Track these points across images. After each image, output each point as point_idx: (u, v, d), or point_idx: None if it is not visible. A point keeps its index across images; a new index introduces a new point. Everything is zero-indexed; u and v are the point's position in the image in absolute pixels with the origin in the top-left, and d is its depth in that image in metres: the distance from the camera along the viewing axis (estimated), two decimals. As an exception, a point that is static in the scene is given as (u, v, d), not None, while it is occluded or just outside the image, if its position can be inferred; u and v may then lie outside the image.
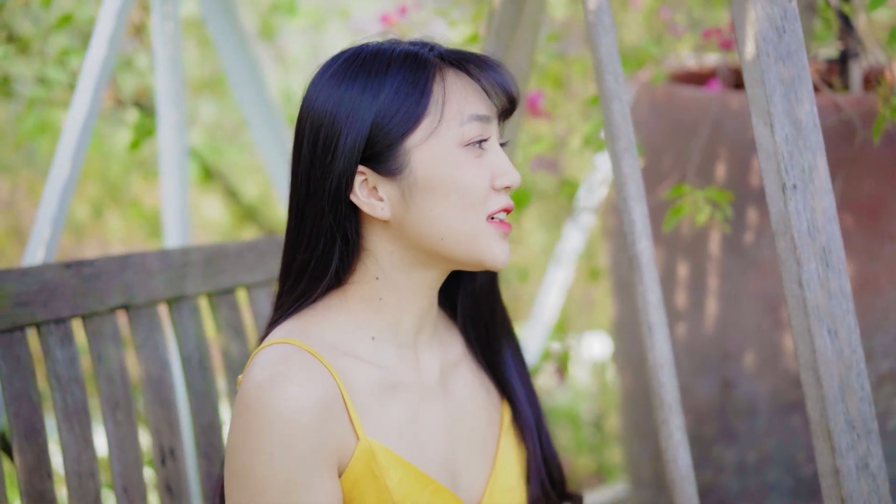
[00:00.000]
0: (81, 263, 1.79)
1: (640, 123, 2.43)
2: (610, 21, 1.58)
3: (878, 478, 1.52)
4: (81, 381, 1.76)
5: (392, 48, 1.47)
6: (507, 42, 1.89)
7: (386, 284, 1.49)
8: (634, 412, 2.56)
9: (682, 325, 2.35)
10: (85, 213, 4.13)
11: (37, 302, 1.72)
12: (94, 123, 2.39)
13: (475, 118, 1.45)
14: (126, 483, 1.79)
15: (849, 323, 1.52)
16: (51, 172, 2.34)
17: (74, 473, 1.73)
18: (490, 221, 1.46)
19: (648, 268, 1.61)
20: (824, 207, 1.51)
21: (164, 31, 2.46)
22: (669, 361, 1.63)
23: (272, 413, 1.37)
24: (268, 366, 1.41)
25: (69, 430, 1.73)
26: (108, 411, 1.79)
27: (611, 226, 2.58)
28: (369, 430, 1.45)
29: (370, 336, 1.50)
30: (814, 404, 1.52)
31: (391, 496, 1.44)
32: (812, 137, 1.52)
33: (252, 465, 1.38)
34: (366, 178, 1.45)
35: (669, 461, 1.64)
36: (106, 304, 1.81)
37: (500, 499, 1.59)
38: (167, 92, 2.49)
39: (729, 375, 2.31)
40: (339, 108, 1.44)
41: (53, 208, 2.34)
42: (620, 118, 1.60)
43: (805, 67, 1.52)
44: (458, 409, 1.59)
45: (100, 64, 2.36)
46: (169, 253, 1.90)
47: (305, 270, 1.48)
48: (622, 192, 1.62)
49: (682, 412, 1.64)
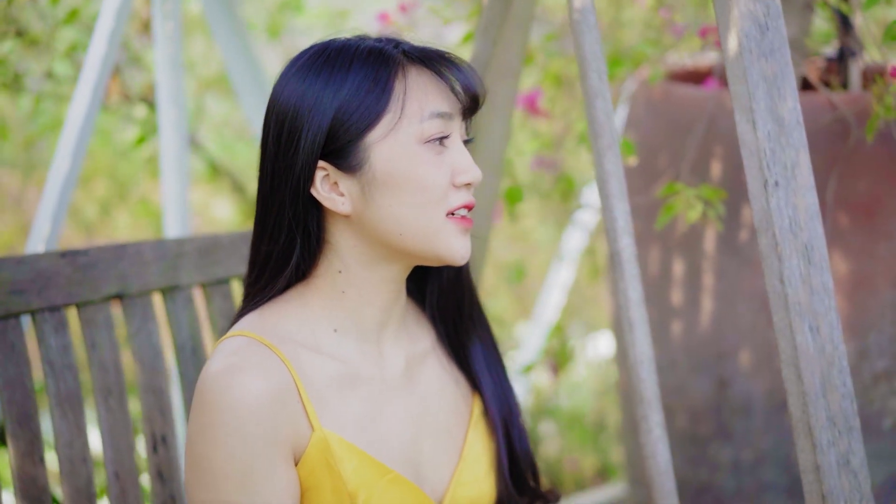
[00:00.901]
0: (76, 252, 1.81)
1: (637, 122, 2.43)
2: (594, 20, 1.59)
3: (860, 475, 1.52)
4: (75, 368, 1.78)
5: (357, 44, 1.48)
6: (496, 39, 1.90)
7: (348, 278, 1.51)
8: (631, 411, 2.56)
9: (678, 323, 2.36)
10: (94, 211, 4.15)
11: (31, 290, 1.74)
12: (94, 119, 2.41)
13: (436, 115, 1.46)
14: (118, 468, 1.81)
15: (831, 320, 1.52)
16: (52, 167, 2.37)
17: (67, 459, 1.75)
18: (449, 218, 1.47)
19: (629, 265, 1.62)
20: (807, 204, 1.52)
21: (164, 30, 2.48)
22: (649, 358, 1.64)
23: (226, 403, 1.39)
24: (224, 357, 1.44)
25: (62, 417, 1.75)
26: (101, 398, 1.81)
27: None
28: (325, 422, 1.47)
29: (332, 329, 1.52)
30: (795, 401, 1.52)
31: (346, 486, 1.46)
32: (795, 134, 1.52)
33: (208, 455, 1.41)
34: (327, 173, 1.46)
35: (648, 457, 1.65)
36: (100, 293, 1.82)
37: (466, 491, 1.60)
38: (168, 89, 2.51)
39: (724, 374, 2.31)
40: (303, 103, 1.45)
41: (54, 203, 2.36)
42: (603, 116, 1.61)
43: (788, 64, 1.52)
44: (425, 401, 1.60)
45: (100, 60, 2.38)
46: (164, 243, 1.92)
47: (268, 263, 1.50)
48: (604, 189, 1.62)
49: (661, 408, 1.65)
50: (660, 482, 1.64)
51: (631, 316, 1.63)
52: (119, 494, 1.81)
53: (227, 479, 1.40)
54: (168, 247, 1.92)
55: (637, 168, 2.38)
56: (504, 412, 1.68)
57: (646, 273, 2.40)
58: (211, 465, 1.40)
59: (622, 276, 1.63)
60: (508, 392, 1.70)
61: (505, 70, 1.97)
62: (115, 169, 4.14)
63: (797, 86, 2.33)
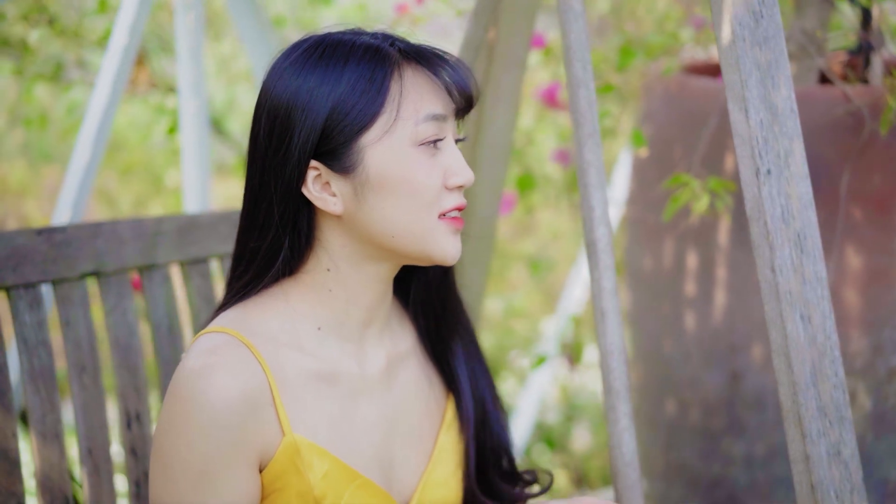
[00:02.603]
0: (53, 230, 1.81)
1: (653, 114, 2.43)
2: (580, 8, 1.59)
3: (851, 465, 1.51)
4: (49, 345, 1.78)
5: (353, 40, 1.46)
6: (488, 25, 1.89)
7: (336, 276, 1.49)
8: (645, 404, 2.56)
9: (691, 316, 2.35)
10: (128, 204, 4.20)
11: (6, 266, 1.74)
12: (115, 108, 2.44)
13: (431, 118, 1.44)
14: (91, 445, 1.82)
15: (823, 309, 1.51)
16: (72, 157, 2.40)
17: (39, 434, 1.75)
18: (441, 219, 1.47)
19: (605, 254, 1.62)
20: (800, 193, 1.51)
21: (185, 22, 2.51)
22: (620, 348, 1.63)
23: (197, 402, 1.39)
24: (200, 355, 1.43)
25: (35, 392, 1.75)
26: (75, 375, 1.82)
27: (628, 217, 2.58)
28: (297, 425, 1.46)
29: (316, 327, 1.51)
30: (785, 390, 1.51)
31: (312, 490, 1.45)
32: (789, 123, 1.51)
33: (172, 450, 1.41)
34: (319, 173, 1.45)
35: (614, 447, 1.64)
36: (76, 271, 1.83)
37: (435, 493, 1.59)
38: (189, 78, 2.55)
39: (737, 368, 2.30)
40: (296, 101, 1.43)
41: (74, 191, 2.39)
42: (586, 104, 1.61)
43: (783, 53, 1.51)
44: (401, 403, 1.59)
45: (122, 49, 2.41)
46: (142, 222, 1.93)
47: (255, 258, 1.49)
48: (583, 178, 1.62)
49: (629, 399, 1.64)
50: (625, 472, 1.64)
51: (603, 305, 1.62)
52: (92, 471, 1.82)
53: (185, 476, 1.40)
54: (146, 225, 1.93)
55: (652, 160, 2.38)
56: (478, 411, 1.66)
57: (659, 266, 2.40)
58: (172, 460, 1.41)
59: (597, 265, 1.62)
60: (486, 389, 1.69)
61: (510, 60, 1.97)
62: (150, 161, 4.19)
63: (815, 79, 2.32)
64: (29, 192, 4.28)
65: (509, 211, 2.61)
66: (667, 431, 2.46)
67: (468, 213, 2.13)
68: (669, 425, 2.45)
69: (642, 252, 2.46)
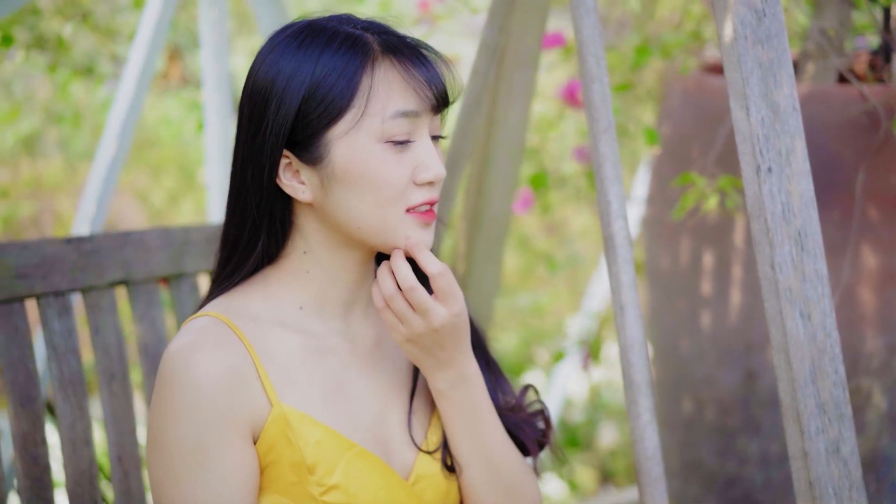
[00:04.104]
0: (81, 239, 1.85)
1: (671, 112, 2.43)
2: (592, 3, 1.60)
3: (850, 463, 1.51)
4: (78, 352, 1.81)
5: (335, 28, 1.47)
6: (503, 26, 1.91)
7: (313, 259, 1.52)
8: (664, 402, 2.56)
9: (707, 315, 2.35)
10: (160, 201, 4.24)
11: (36, 275, 1.78)
12: (141, 103, 2.47)
13: (399, 114, 1.45)
14: (120, 452, 1.85)
15: (824, 307, 1.52)
16: (97, 151, 2.44)
17: (69, 441, 1.79)
18: (409, 213, 1.48)
19: (623, 248, 1.63)
20: (801, 191, 1.51)
21: (209, 18, 2.54)
22: (640, 342, 1.64)
23: (182, 380, 1.42)
24: (183, 336, 1.47)
25: (65, 399, 1.79)
26: (104, 382, 1.85)
27: (648, 215, 2.59)
28: (285, 397, 1.48)
29: (297, 307, 1.53)
30: (785, 387, 1.52)
31: (304, 460, 1.47)
32: (791, 121, 1.52)
33: (163, 430, 1.44)
34: (289, 161, 1.47)
35: (637, 441, 1.65)
36: (105, 279, 1.86)
37: (431, 466, 1.59)
38: (213, 74, 2.57)
39: (753, 366, 2.30)
40: (272, 88, 1.45)
41: (100, 185, 2.42)
42: (600, 99, 1.62)
43: (786, 51, 1.52)
44: (393, 377, 1.60)
45: (147, 44, 2.44)
46: (170, 231, 1.96)
47: (237, 247, 1.52)
48: (599, 173, 1.63)
49: (651, 394, 1.65)
50: (647, 467, 1.65)
51: (622, 300, 1.64)
52: (122, 478, 1.85)
53: (180, 455, 1.42)
54: (174, 235, 1.96)
55: (669, 158, 2.38)
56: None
57: (676, 264, 2.40)
58: (165, 441, 1.43)
59: (615, 259, 1.64)
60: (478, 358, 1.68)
61: (522, 58, 1.98)
62: (182, 157, 4.23)
63: (834, 78, 2.31)
64: (63, 189, 4.33)
65: (527, 209, 2.63)
66: (683, 429, 2.47)
67: (481, 210, 2.15)
68: (685, 423, 2.45)
69: (660, 250, 2.47)
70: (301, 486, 1.47)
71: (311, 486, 1.47)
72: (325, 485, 1.48)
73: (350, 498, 1.49)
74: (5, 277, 1.74)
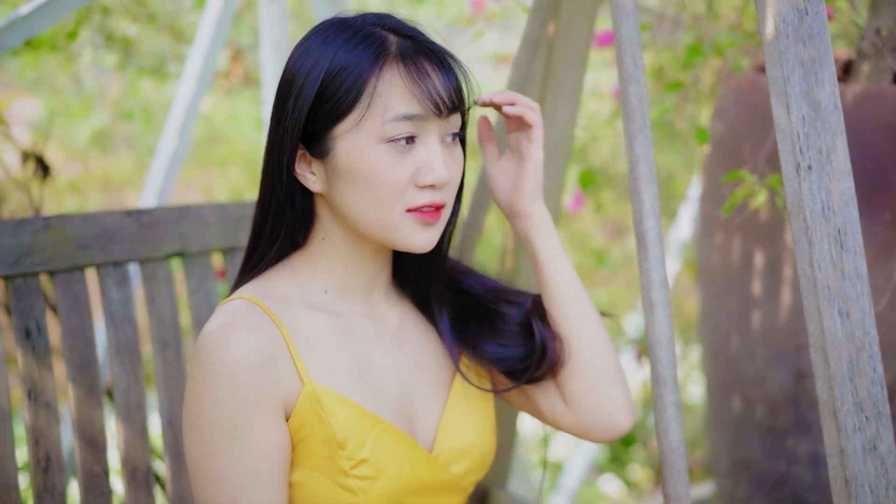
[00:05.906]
0: (141, 212, 1.92)
1: (725, 111, 2.44)
2: (632, 5, 1.62)
3: (888, 461, 1.51)
4: (134, 321, 1.89)
5: (359, 27, 1.52)
6: (546, 22, 1.93)
7: (332, 246, 1.59)
8: (714, 401, 2.56)
9: (757, 314, 2.35)
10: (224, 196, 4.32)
11: (96, 245, 1.85)
12: (201, 99, 2.54)
13: (401, 118, 1.49)
14: (171, 417, 1.92)
15: (863, 305, 1.52)
16: (158, 146, 2.50)
17: (123, 405, 1.87)
18: (409, 213, 1.52)
19: (654, 246, 1.64)
20: (841, 189, 1.52)
21: (269, 15, 2.59)
22: (668, 338, 1.66)
23: (218, 359, 1.48)
24: (219, 318, 1.52)
25: (120, 365, 1.87)
26: (158, 350, 1.92)
27: (700, 214, 2.59)
28: (316, 375, 1.54)
29: (323, 290, 1.61)
30: (822, 384, 1.52)
31: (335, 435, 1.52)
32: (832, 119, 1.52)
33: (200, 408, 1.49)
34: (303, 152, 1.54)
35: (662, 435, 1.67)
36: (162, 251, 1.94)
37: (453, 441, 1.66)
38: (272, 73, 2.62)
39: (803, 366, 2.30)
40: (294, 81, 1.52)
41: (160, 181, 2.49)
42: (636, 100, 1.64)
43: (828, 50, 1.52)
44: (415, 356, 1.67)
45: (208, 42, 2.50)
46: (225, 206, 2.03)
47: (262, 234, 1.60)
48: (633, 171, 1.65)
49: (677, 388, 1.66)
50: (672, 460, 1.66)
51: (652, 296, 1.65)
52: (172, 442, 1.92)
53: (218, 432, 1.48)
54: (229, 210, 2.03)
55: (722, 157, 2.39)
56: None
57: (727, 263, 2.40)
58: (202, 419, 1.49)
59: (646, 257, 1.65)
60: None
61: (570, 56, 2.00)
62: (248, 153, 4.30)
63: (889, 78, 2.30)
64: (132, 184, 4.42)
65: (579, 207, 2.64)
66: (733, 428, 2.47)
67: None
68: (735, 423, 2.45)
69: (712, 249, 2.47)
70: (331, 460, 1.53)
71: (342, 460, 1.53)
72: (355, 459, 1.53)
73: (378, 471, 1.54)
74: (67, 247, 1.81)
